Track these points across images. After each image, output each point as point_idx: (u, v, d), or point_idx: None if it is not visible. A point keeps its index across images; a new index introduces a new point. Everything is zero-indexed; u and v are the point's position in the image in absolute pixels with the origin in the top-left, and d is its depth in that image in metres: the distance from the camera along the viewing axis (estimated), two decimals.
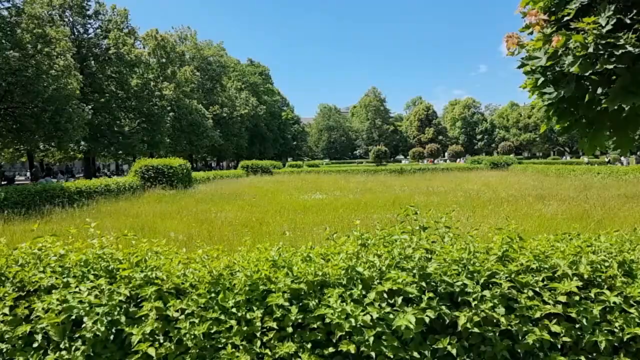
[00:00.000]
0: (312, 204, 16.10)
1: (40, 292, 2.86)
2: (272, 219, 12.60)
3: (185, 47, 72.49)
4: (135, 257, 3.03)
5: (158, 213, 14.30)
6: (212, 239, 9.16)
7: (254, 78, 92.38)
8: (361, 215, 12.55)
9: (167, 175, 24.95)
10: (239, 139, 75.95)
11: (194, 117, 59.62)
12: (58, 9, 43.98)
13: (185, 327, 2.65)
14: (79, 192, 18.88)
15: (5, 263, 3.01)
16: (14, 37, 30.55)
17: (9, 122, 31.34)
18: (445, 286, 2.76)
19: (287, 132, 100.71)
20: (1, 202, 15.05)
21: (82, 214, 14.21)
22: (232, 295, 2.77)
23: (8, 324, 2.71)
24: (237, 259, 3.09)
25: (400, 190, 22.00)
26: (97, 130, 43.31)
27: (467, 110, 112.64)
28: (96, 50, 46.92)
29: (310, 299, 2.76)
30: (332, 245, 3.28)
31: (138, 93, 48.21)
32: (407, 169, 41.95)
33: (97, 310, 2.68)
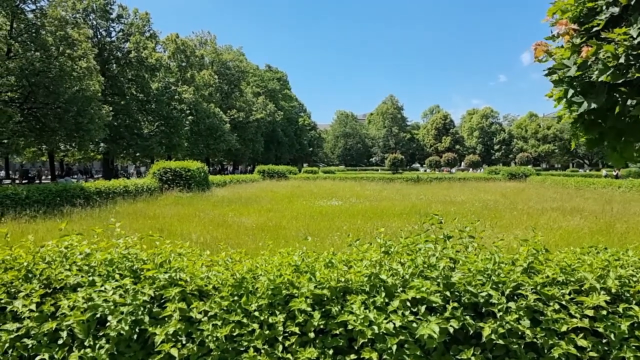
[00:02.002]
0: (329, 210, 16.09)
1: (66, 289, 2.90)
2: (289, 224, 12.61)
3: (204, 51, 73.17)
4: (160, 258, 3.05)
5: (176, 215, 14.41)
6: (230, 242, 9.19)
7: (272, 84, 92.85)
8: (378, 223, 12.50)
9: (185, 178, 25.14)
10: (255, 143, 76.34)
11: (212, 121, 60.08)
12: (82, 12, 44.76)
13: (208, 329, 2.66)
14: (98, 192, 19.11)
15: (32, 260, 3.05)
16: (38, 39, 31.14)
17: (32, 121, 31.89)
18: (470, 296, 2.74)
19: (303, 137, 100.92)
20: (23, 200, 15.31)
21: (101, 214, 14.38)
22: (255, 299, 2.77)
23: (34, 320, 2.74)
24: (260, 263, 3.10)
25: (416, 198, 21.88)
26: (116, 132, 43.88)
27: (485, 120, 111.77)
28: (118, 53, 47.63)
29: (332, 304, 2.75)
30: (354, 252, 3.27)
31: (158, 96, 48.77)
32: (424, 178, 41.73)
33: (121, 309, 2.70)
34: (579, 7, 3.92)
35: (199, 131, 58.77)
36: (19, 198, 15.36)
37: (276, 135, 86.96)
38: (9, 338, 2.72)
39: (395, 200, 21.02)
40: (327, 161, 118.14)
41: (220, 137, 61.37)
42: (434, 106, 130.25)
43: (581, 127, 3.82)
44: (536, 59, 3.63)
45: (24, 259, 3.06)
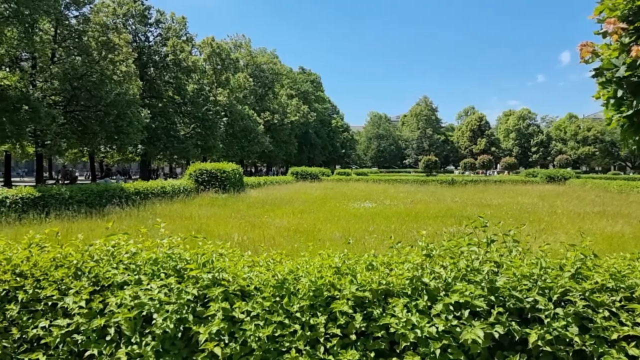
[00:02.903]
0: (363, 212, 16.04)
1: (114, 287, 2.98)
2: (323, 226, 12.63)
3: (239, 54, 74.15)
4: (203, 258, 3.10)
5: (212, 216, 14.63)
6: (265, 243, 9.27)
7: (305, 86, 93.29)
8: (414, 226, 12.39)
9: (220, 180, 25.49)
10: (288, 145, 76.85)
11: (246, 123, 60.80)
12: (122, 17, 45.99)
13: (250, 329, 2.69)
14: (137, 192, 19.57)
15: (81, 258, 3.15)
16: (81, 44, 32.14)
17: (74, 124, 32.94)
18: (515, 301, 2.68)
19: (336, 139, 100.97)
20: (67, 200, 15.83)
21: (140, 214, 14.73)
22: (297, 300, 2.79)
23: (84, 317, 2.83)
24: (301, 264, 3.12)
25: (452, 201, 21.60)
26: (154, 134, 44.87)
27: (522, 122, 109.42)
28: (155, 57, 48.73)
29: (374, 307, 2.74)
30: (395, 255, 3.25)
31: (193, 98, 49.66)
32: (459, 180, 41.15)
33: (166, 307, 2.76)
34: (628, 5, 3.81)
35: (234, 133, 59.55)
36: (63, 198, 15.89)
37: (309, 137, 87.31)
38: (60, 333, 2.81)
39: (430, 202, 20.81)
40: (360, 163, 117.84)
41: (254, 139, 62.04)
42: (468, 107, 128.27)
43: (629, 128, 3.70)
44: (582, 60, 3.54)
45: (74, 257, 3.16)
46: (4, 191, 14.87)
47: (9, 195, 14.62)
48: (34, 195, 15.25)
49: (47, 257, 3.20)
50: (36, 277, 3.05)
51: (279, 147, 74.19)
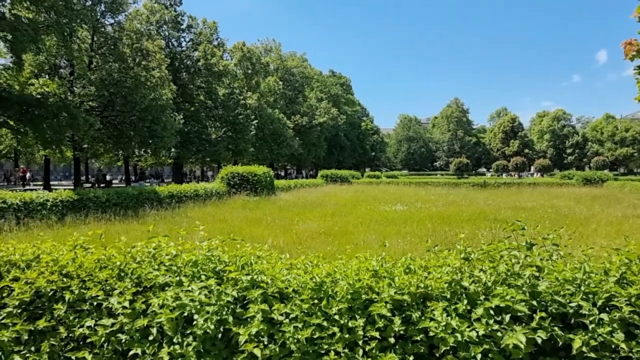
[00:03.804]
0: (394, 215, 15.95)
1: (155, 288, 3.05)
2: (355, 228, 12.62)
3: (270, 58, 74.75)
4: (241, 260, 3.15)
5: (244, 219, 14.79)
6: (298, 246, 9.32)
7: (334, 89, 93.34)
8: (447, 229, 12.26)
9: (251, 183, 25.75)
10: (317, 148, 77.03)
11: (276, 126, 61.23)
12: (155, 24, 46.99)
13: (289, 330, 2.71)
14: (171, 196, 19.95)
15: (124, 260, 3.24)
16: (116, 51, 32.97)
17: (110, 129, 33.76)
18: (558, 306, 2.63)
19: (365, 142, 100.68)
20: (103, 203, 16.26)
21: (174, 217, 15.00)
22: (335, 303, 2.80)
23: (127, 317, 2.91)
24: (338, 267, 3.13)
25: (484, 204, 21.28)
26: (186, 138, 45.60)
27: (556, 123, 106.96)
28: (188, 62, 49.58)
29: (413, 310, 2.73)
30: (432, 258, 3.23)
31: (225, 102, 50.31)
32: (491, 183, 40.48)
33: (207, 309, 2.81)
34: None
35: (264, 136, 60.06)
36: (100, 201, 16.32)
37: (339, 139, 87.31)
38: (105, 332, 2.90)
39: (462, 205, 20.54)
40: (390, 165, 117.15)
41: (283, 142, 62.45)
42: (501, 109, 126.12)
43: None
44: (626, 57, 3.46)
45: (117, 258, 3.25)
46: (45, 194, 15.37)
47: (50, 198, 15.10)
48: (73, 199, 15.71)
49: (91, 258, 3.30)
50: (82, 278, 3.15)
51: (308, 150, 74.45)
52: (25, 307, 3.13)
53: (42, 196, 15.03)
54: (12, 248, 3.57)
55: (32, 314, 3.13)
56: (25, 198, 14.43)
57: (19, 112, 23.06)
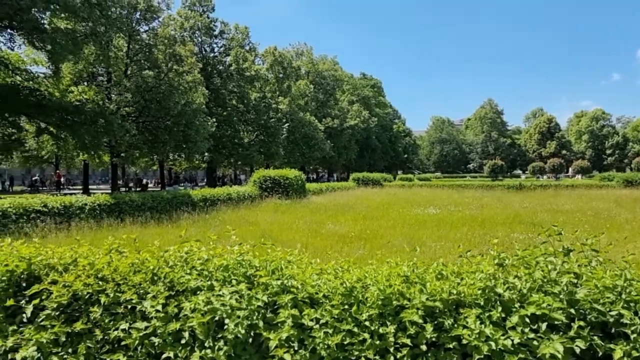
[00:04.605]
0: (427, 219, 15.77)
1: (187, 292, 3.08)
2: (387, 232, 12.53)
3: (301, 62, 75.17)
4: (272, 265, 3.16)
5: (276, 222, 14.87)
6: (329, 250, 9.31)
7: (365, 91, 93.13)
8: (481, 232, 12.05)
9: (283, 186, 25.91)
10: (348, 150, 76.98)
11: (307, 130, 61.47)
12: (189, 30, 47.88)
13: (319, 336, 2.70)
14: (204, 199, 20.25)
15: (157, 264, 3.29)
16: (151, 57, 33.73)
17: (145, 134, 34.53)
18: (597, 315, 2.54)
19: (397, 144, 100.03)
20: (139, 207, 16.63)
21: (208, 221, 15.20)
22: (366, 309, 2.77)
23: (160, 320, 2.95)
24: (369, 272, 3.10)
25: (520, 206, 20.82)
26: (219, 142, 46.24)
27: (595, 123, 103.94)
28: (220, 67, 50.32)
29: (445, 317, 2.68)
30: (465, 264, 3.17)
31: (256, 106, 50.82)
32: (527, 185, 39.57)
33: (238, 313, 2.82)
34: None
35: (295, 140, 60.38)
36: (136, 205, 16.70)
37: (370, 142, 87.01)
38: (139, 335, 2.94)
39: (497, 208, 20.16)
40: (423, 168, 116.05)
41: (315, 145, 62.62)
42: (537, 109, 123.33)
43: None
44: None
45: (151, 262, 3.30)
46: (83, 198, 15.82)
47: (88, 202, 15.53)
48: (110, 202, 16.12)
49: (126, 262, 3.36)
50: (116, 282, 3.21)
51: (339, 153, 74.45)
52: (63, 310, 3.21)
53: (80, 200, 15.47)
54: (51, 252, 3.67)
55: (70, 316, 3.20)
56: (65, 202, 14.88)
57: (58, 119, 23.81)
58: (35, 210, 13.75)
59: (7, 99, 21.96)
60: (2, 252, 3.70)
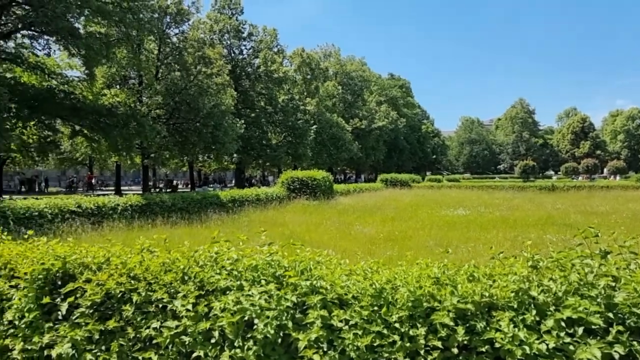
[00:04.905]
0: (456, 220, 15.57)
1: (217, 292, 3.10)
2: (416, 233, 12.42)
3: (329, 63, 75.29)
4: (301, 266, 3.15)
5: (304, 223, 14.90)
6: (357, 251, 9.27)
7: (394, 91, 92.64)
8: (512, 234, 11.82)
9: (311, 187, 25.97)
10: (376, 151, 76.71)
11: (335, 131, 61.48)
12: (218, 33, 48.47)
13: (349, 337, 2.68)
14: (233, 200, 20.46)
15: (187, 263, 3.32)
16: (181, 60, 34.28)
17: (175, 136, 35.09)
18: (636, 319, 2.45)
19: (426, 145, 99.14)
20: (169, 207, 16.90)
21: (236, 221, 15.34)
22: (395, 310, 2.74)
23: (190, 319, 2.98)
24: (398, 273, 3.07)
25: (552, 208, 20.36)
26: (247, 143, 46.63)
27: (631, 122, 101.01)
28: (248, 69, 50.78)
29: (477, 320, 2.63)
30: (497, 265, 3.10)
31: (284, 108, 51.09)
32: (559, 186, 38.68)
33: (267, 313, 2.83)
34: None
35: (322, 141, 60.45)
36: (166, 205, 16.99)
37: (398, 143, 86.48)
38: (170, 334, 2.98)
39: (529, 210, 19.76)
40: (452, 169, 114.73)
41: (342, 146, 62.60)
42: (570, 109, 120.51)
43: None
44: None
45: (181, 262, 3.34)
46: (116, 199, 16.18)
47: (120, 203, 15.87)
48: (141, 203, 16.44)
49: (157, 261, 3.41)
50: (148, 281, 3.25)
51: (367, 154, 74.24)
52: (96, 308, 3.28)
53: (113, 201, 15.81)
54: (85, 251, 3.75)
55: (103, 314, 3.27)
56: (98, 203, 15.23)
57: (92, 121, 24.42)
58: (70, 210, 14.11)
59: (44, 102, 22.64)
60: (38, 251, 3.80)
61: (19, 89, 22.21)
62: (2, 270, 3.75)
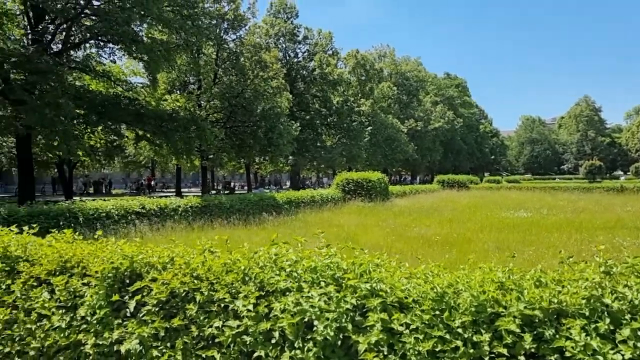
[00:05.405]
0: (517, 222, 15.05)
1: (277, 293, 3.13)
2: (475, 236, 12.09)
3: (383, 64, 74.87)
4: (360, 268, 3.13)
5: (360, 225, 14.85)
6: (414, 254, 9.14)
7: (450, 91, 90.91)
8: (578, 237, 11.30)
9: (366, 189, 25.85)
10: (432, 152, 75.54)
11: (390, 132, 61.04)
12: (273, 37, 49.25)
13: (410, 342, 2.64)
14: (289, 202, 20.67)
15: (248, 264, 3.38)
16: (237, 64, 35.08)
17: (232, 139, 35.92)
18: None
19: (484, 145, 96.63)
20: (227, 209, 17.30)
21: (292, 223, 15.48)
22: (458, 315, 2.67)
23: (251, 319, 3.02)
24: (460, 277, 2.99)
25: (622, 210, 19.29)
26: (302, 145, 47.07)
27: None
28: (303, 72, 51.30)
29: (545, 327, 2.52)
30: (566, 271, 2.97)
31: (339, 110, 51.22)
32: (629, 187, 36.61)
33: (326, 315, 2.83)
34: None
35: (377, 142, 60.14)
36: (224, 207, 17.39)
37: (454, 143, 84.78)
38: (232, 334, 3.03)
39: (596, 212, 18.81)
40: (511, 169, 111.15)
41: (397, 147, 62.05)
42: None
43: None
44: None
45: (242, 263, 3.40)
46: (177, 201, 16.72)
47: (181, 204, 16.39)
48: (201, 205, 16.91)
49: (218, 262, 3.48)
50: (210, 281, 3.33)
51: (422, 155, 73.20)
52: (161, 306, 3.39)
53: (174, 202, 16.35)
54: (151, 251, 3.89)
55: (168, 312, 3.37)
56: (160, 204, 15.80)
57: (155, 126, 25.37)
58: (135, 211, 14.71)
59: (110, 108, 23.74)
60: (108, 250, 3.98)
61: (88, 96, 23.41)
62: (75, 268, 3.94)
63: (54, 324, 3.72)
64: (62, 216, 12.73)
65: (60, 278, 3.88)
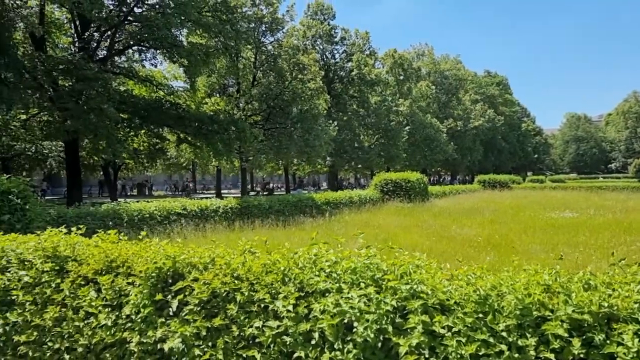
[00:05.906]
0: (562, 223, 14.59)
1: (316, 294, 3.13)
2: (518, 237, 11.79)
3: (422, 62, 74.06)
4: (400, 269, 3.10)
5: (399, 226, 14.72)
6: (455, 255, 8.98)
7: (490, 89, 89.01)
8: (627, 239, 10.86)
9: (405, 189, 25.59)
10: (472, 152, 74.12)
11: (428, 131, 60.28)
12: (311, 39, 49.43)
13: (452, 345, 2.58)
14: (327, 202, 20.68)
15: (287, 265, 3.39)
16: (275, 66, 35.40)
17: (271, 140, 36.26)
18: None
19: (526, 144, 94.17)
20: (266, 210, 17.46)
21: (331, 223, 15.48)
22: (502, 318, 2.60)
23: (291, 320, 3.03)
24: (504, 279, 2.91)
25: None
26: (340, 146, 47.03)
27: None
28: (341, 73, 51.29)
29: (595, 332, 2.42)
30: (617, 273, 2.85)
31: (376, 110, 50.94)
32: None
33: (366, 317, 2.80)
34: None
35: (416, 142, 59.51)
36: (263, 208, 17.55)
37: (495, 142, 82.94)
38: (272, 334, 3.05)
39: None
40: (555, 169, 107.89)
41: (436, 147, 61.22)
42: None
43: None
44: None
45: (281, 263, 3.42)
46: (217, 202, 16.99)
47: (221, 205, 16.64)
48: (240, 206, 17.13)
49: (258, 263, 3.51)
50: (250, 281, 3.36)
51: (462, 155, 71.96)
52: (203, 306, 3.44)
53: (214, 204, 16.62)
54: (192, 251, 3.96)
55: (209, 312, 3.42)
56: (201, 205, 16.09)
57: (195, 129, 25.87)
58: (177, 212, 15.03)
59: (153, 112, 24.38)
60: (151, 251, 4.08)
61: (132, 100, 24.10)
62: (121, 268, 4.05)
63: (100, 322, 3.84)
64: (107, 217, 13.15)
65: (106, 277, 4.00)
